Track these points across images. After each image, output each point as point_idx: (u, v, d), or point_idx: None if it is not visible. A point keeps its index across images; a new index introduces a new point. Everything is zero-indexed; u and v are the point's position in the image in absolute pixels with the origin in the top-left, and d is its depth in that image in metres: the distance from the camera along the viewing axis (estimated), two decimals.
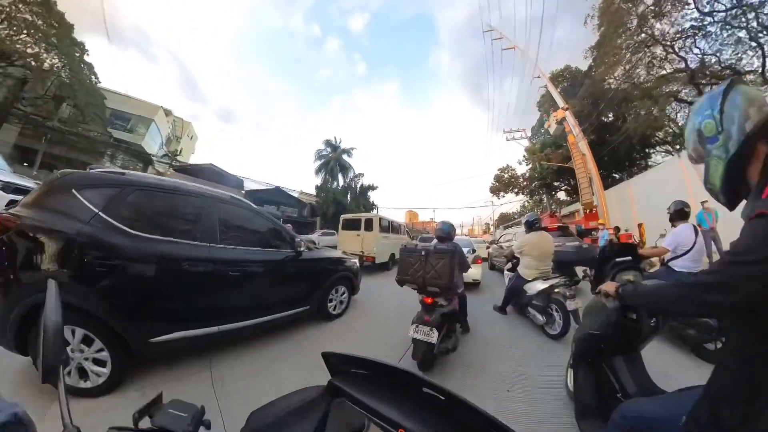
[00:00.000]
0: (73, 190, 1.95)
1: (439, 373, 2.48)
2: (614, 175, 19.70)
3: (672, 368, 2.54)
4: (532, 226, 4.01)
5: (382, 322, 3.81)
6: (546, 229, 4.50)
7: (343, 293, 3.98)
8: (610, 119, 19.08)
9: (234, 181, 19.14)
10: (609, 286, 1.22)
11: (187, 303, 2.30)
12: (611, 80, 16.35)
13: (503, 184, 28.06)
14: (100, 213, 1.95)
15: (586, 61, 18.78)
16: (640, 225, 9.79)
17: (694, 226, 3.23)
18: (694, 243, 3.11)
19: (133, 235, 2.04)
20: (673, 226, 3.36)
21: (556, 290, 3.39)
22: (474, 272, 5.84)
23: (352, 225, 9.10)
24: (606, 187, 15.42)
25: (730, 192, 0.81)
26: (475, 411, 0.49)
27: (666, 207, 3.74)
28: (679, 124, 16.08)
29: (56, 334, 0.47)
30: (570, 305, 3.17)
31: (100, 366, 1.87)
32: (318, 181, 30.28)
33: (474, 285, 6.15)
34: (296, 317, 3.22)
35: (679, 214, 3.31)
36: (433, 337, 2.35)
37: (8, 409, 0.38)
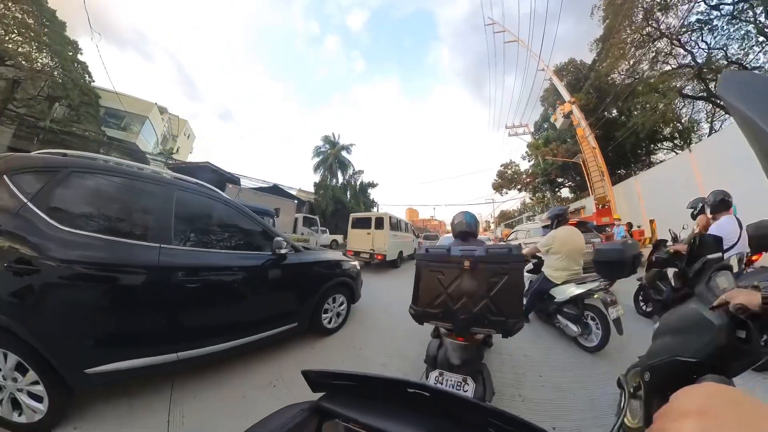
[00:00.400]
0: (4, 176, 1.54)
1: None
2: (619, 171, 19.50)
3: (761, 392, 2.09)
4: (561, 219, 3.44)
5: (387, 339, 3.23)
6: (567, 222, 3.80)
7: (342, 303, 3.37)
8: (614, 115, 18.86)
9: (231, 179, 18.85)
10: (747, 296, 0.90)
11: (133, 323, 1.73)
12: (616, 74, 16.15)
13: (506, 180, 27.84)
14: (28, 203, 1.51)
15: (591, 54, 18.56)
16: (651, 221, 9.62)
17: (737, 218, 2.89)
18: (740, 236, 2.77)
19: (62, 231, 1.55)
20: (715, 218, 3.02)
21: (594, 296, 2.88)
22: None
23: (363, 223, 9.29)
24: (612, 183, 15.35)
25: None
26: (459, 399, 0.50)
27: (673, 202, 3.48)
28: (683, 120, 15.96)
29: None
30: (612, 313, 2.69)
31: (37, 401, 1.49)
32: (317, 178, 30.16)
33: None
34: (280, 336, 2.58)
35: (722, 204, 2.96)
36: (468, 390, 1.52)
37: None
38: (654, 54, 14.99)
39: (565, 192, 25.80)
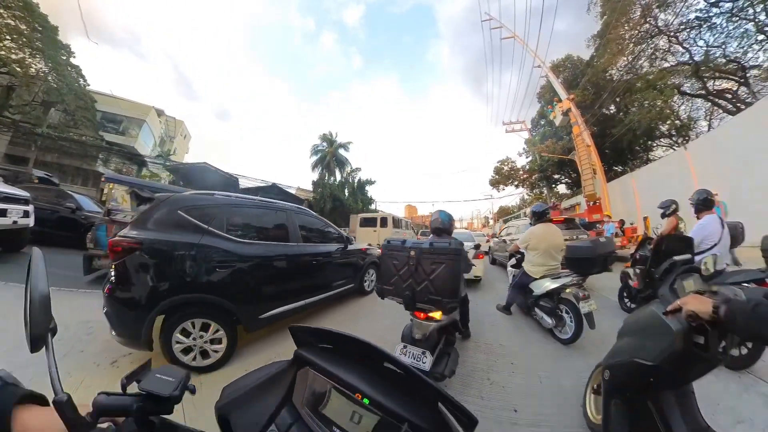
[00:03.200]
0: (179, 212, 2.40)
1: None
2: (615, 168, 19.56)
3: (716, 393, 2.12)
4: (540, 216, 3.59)
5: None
6: (551, 221, 4.02)
7: (373, 275, 4.97)
8: (612, 111, 18.86)
9: (228, 179, 18.83)
10: (698, 304, 0.89)
11: (282, 287, 2.97)
12: (613, 71, 16.11)
13: (503, 176, 27.81)
14: (209, 227, 2.48)
15: (588, 50, 18.49)
16: (645, 218, 9.70)
17: (720, 218, 2.95)
18: (721, 236, 2.81)
19: (236, 241, 2.62)
20: (698, 217, 3.04)
21: (566, 290, 3.03)
22: (475, 268, 5.36)
23: (370, 222, 11.57)
24: (608, 180, 15.39)
25: None
26: (430, 386, 0.52)
27: (671, 199, 3.52)
28: (681, 117, 15.95)
29: (43, 303, 0.48)
30: (584, 307, 2.82)
31: (217, 344, 2.39)
32: (315, 176, 30.17)
33: (475, 281, 5.81)
34: (345, 293, 4.18)
35: (705, 203, 3.00)
36: (426, 362, 1.86)
37: None
38: (652, 51, 14.95)
39: (562, 188, 25.91)
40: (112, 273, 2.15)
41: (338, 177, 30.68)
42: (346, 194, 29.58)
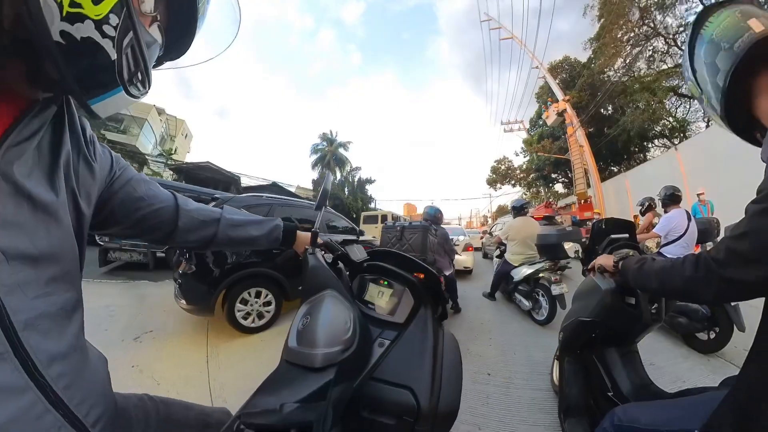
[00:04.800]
0: (242, 209, 3.23)
1: None
2: (612, 167, 19.79)
3: (663, 360, 2.41)
4: (518, 211, 4.12)
5: None
6: (532, 217, 4.68)
7: None
8: (609, 112, 19.09)
9: (230, 177, 19.02)
10: (605, 259, 1.04)
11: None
12: (610, 72, 16.33)
13: (500, 175, 28.11)
14: None
15: (585, 52, 18.72)
16: (635, 216, 9.99)
17: (687, 212, 3.17)
18: (687, 228, 3.02)
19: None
20: (666, 211, 3.29)
21: (540, 275, 3.34)
22: (465, 259, 6.23)
23: (372, 220, 13.17)
24: (603, 179, 15.61)
25: (736, 126, 0.65)
26: (422, 266, 0.93)
27: (647, 197, 3.74)
28: (678, 117, 16.18)
29: (325, 192, 0.97)
30: (555, 290, 3.13)
31: (268, 306, 3.13)
32: (315, 175, 30.44)
33: (467, 272, 6.47)
34: None
35: (671, 198, 3.24)
36: None
37: (278, 220, 0.90)
38: (651, 52, 15.14)
39: (558, 187, 26.14)
40: (187, 256, 2.81)
41: (338, 176, 31.14)
42: (346, 193, 29.98)
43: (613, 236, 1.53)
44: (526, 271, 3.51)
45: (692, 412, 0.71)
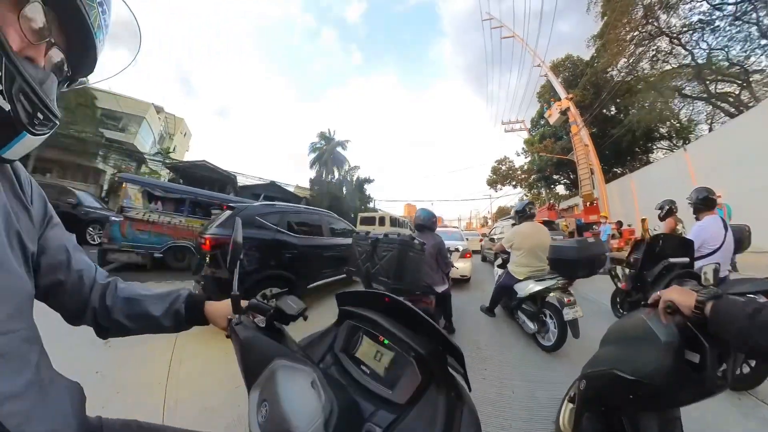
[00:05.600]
0: (257, 217, 3.47)
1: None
2: (615, 169, 19.45)
3: (707, 416, 1.82)
4: (524, 215, 3.41)
5: None
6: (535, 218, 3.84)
7: None
8: (612, 113, 18.76)
9: (226, 176, 18.78)
10: (682, 296, 0.73)
11: (321, 267, 4.22)
12: (614, 71, 16.03)
13: (501, 176, 27.68)
14: (278, 227, 3.62)
15: (588, 50, 18.40)
16: (643, 220, 9.57)
17: (723, 219, 2.64)
18: (724, 239, 2.50)
19: (292, 235, 3.79)
20: (697, 218, 2.74)
21: (550, 293, 2.81)
22: (463, 267, 5.58)
23: (369, 221, 12.57)
24: (607, 181, 15.23)
25: None
26: (433, 327, 0.66)
27: (668, 199, 3.41)
28: (681, 119, 15.88)
29: (237, 246, 0.76)
30: (567, 314, 2.58)
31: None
32: (313, 174, 30.10)
33: (463, 281, 5.86)
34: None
35: (705, 203, 2.67)
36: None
37: (184, 291, 0.73)
38: (654, 52, 14.80)
39: (560, 189, 25.78)
40: (208, 259, 2.98)
41: (336, 175, 30.85)
42: (345, 192, 29.67)
43: (671, 260, 1.22)
44: (534, 287, 2.95)
45: None
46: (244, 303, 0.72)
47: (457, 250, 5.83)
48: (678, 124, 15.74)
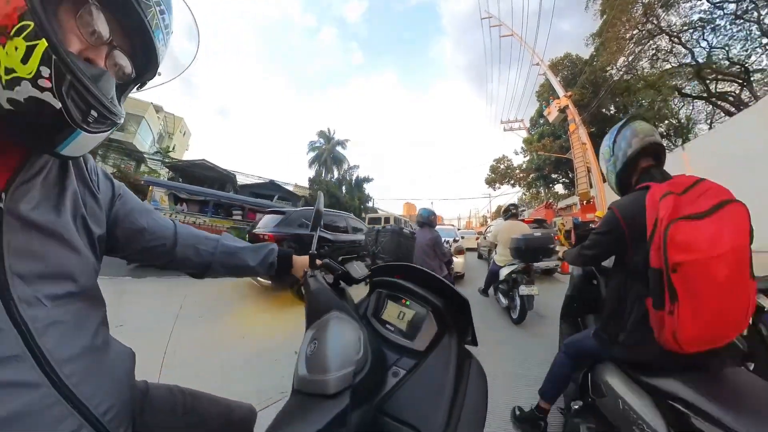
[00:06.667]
0: (303, 219, 4.61)
1: None
2: None
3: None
4: (507, 214, 4.43)
5: None
6: (523, 220, 5.31)
7: None
8: (611, 112, 18.66)
9: (225, 175, 18.62)
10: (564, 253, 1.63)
11: (346, 254, 5.24)
12: (613, 70, 15.91)
13: (499, 175, 27.58)
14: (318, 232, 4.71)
15: (587, 49, 18.30)
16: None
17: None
18: None
19: (327, 232, 4.98)
20: None
21: (514, 275, 3.52)
22: (458, 263, 6.26)
23: (376, 221, 13.81)
24: (604, 180, 15.10)
25: (623, 193, 1.23)
26: (447, 286, 0.78)
27: None
28: (680, 118, 15.78)
29: (319, 214, 0.94)
30: (523, 290, 3.28)
31: None
32: (312, 173, 30.11)
33: (458, 277, 6.44)
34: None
35: None
36: None
37: (273, 245, 0.88)
38: (654, 51, 14.73)
39: (559, 188, 25.66)
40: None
41: (336, 174, 30.84)
42: (344, 191, 29.64)
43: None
44: (505, 270, 3.76)
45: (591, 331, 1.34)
46: (319, 261, 0.84)
47: (456, 241, 6.94)
48: (677, 123, 15.62)
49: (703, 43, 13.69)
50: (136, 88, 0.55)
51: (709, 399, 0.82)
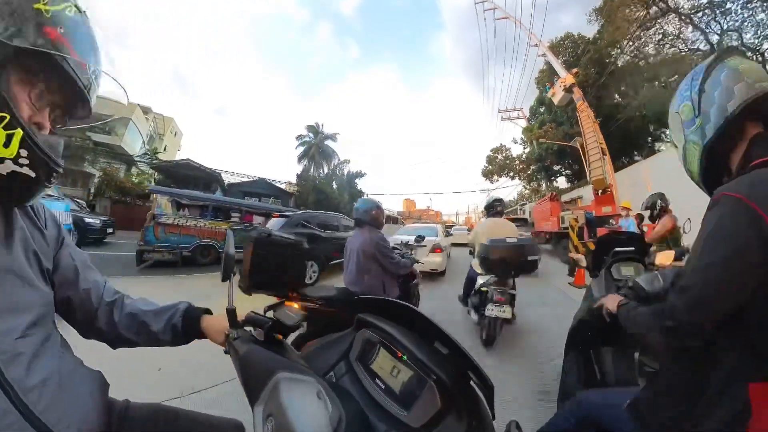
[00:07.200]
0: (301, 221, 6.78)
1: None
2: (623, 160, 18.00)
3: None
4: (489, 210, 3.52)
5: None
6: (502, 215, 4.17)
7: None
8: (617, 100, 17.22)
9: (210, 174, 17.76)
10: (612, 302, 0.96)
11: (338, 251, 5.04)
12: (619, 49, 14.68)
13: (498, 166, 25.57)
14: (312, 227, 6.87)
15: (590, 26, 17.04)
16: (641, 217, 8.35)
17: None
18: None
19: (322, 231, 6.80)
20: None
21: (484, 289, 2.85)
22: (434, 261, 6.13)
23: None
24: (615, 170, 14.14)
25: (711, 181, 0.71)
26: (462, 352, 0.61)
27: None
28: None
29: (230, 258, 0.73)
30: (490, 310, 2.56)
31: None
32: (300, 168, 28.85)
33: (438, 275, 6.33)
34: None
35: None
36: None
37: (183, 305, 0.74)
38: (661, 36, 13.75)
39: (561, 181, 24.09)
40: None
41: (325, 170, 29.61)
42: (335, 186, 28.36)
43: (617, 249, 1.78)
44: (479, 281, 3.10)
45: (625, 396, 0.83)
46: (240, 317, 0.71)
47: (422, 246, 5.56)
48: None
49: (716, 27, 12.83)
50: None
51: None
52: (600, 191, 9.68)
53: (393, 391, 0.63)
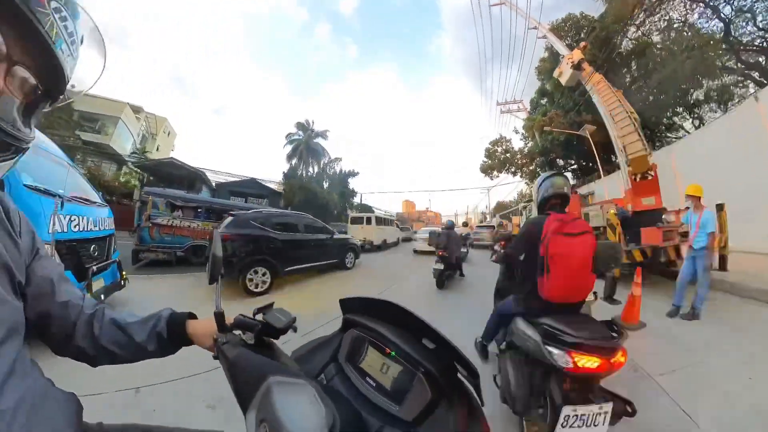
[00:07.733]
0: (250, 221, 5.43)
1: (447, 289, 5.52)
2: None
3: None
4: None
5: (374, 272, 7.88)
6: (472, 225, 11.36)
7: (352, 256, 8.07)
8: (627, 81, 15.93)
9: (194, 173, 17.11)
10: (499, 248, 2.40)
11: (297, 256, 5.94)
12: (630, 23, 13.39)
13: (498, 161, 23.51)
14: (263, 227, 5.47)
15: (594, 5, 15.77)
16: (678, 212, 6.00)
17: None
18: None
19: (276, 233, 5.61)
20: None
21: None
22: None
23: (359, 220, 14.09)
24: (612, 171, 12.77)
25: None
26: (448, 344, 0.64)
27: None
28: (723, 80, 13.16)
29: (217, 260, 0.70)
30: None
31: (264, 277, 5.17)
32: (287, 167, 27.56)
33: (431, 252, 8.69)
34: (331, 266, 7.11)
35: None
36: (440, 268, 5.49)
37: (166, 311, 0.68)
38: (666, 23, 12.89)
39: (568, 177, 22.67)
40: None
41: (315, 168, 28.22)
42: (326, 186, 27.11)
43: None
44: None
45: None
46: (229, 320, 0.67)
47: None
48: (720, 84, 12.94)
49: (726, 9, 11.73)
50: (48, 104, 0.50)
51: (560, 322, 1.50)
52: (638, 176, 6.67)
53: (384, 387, 0.66)
